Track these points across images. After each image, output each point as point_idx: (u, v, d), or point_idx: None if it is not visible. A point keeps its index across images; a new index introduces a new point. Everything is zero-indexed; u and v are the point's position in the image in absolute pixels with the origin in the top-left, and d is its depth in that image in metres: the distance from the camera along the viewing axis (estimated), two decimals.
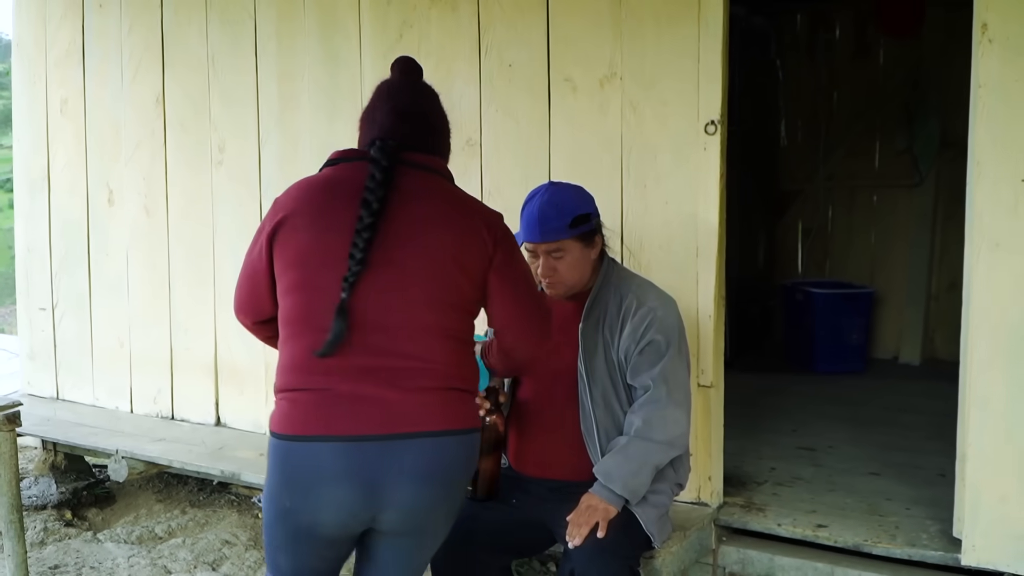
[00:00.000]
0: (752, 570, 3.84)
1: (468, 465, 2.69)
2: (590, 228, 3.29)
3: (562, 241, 3.23)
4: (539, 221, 3.21)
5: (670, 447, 3.22)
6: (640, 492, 3.17)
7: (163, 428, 5.40)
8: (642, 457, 3.17)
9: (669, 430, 3.20)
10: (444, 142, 2.87)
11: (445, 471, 2.61)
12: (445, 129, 2.87)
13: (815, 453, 4.97)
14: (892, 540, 3.72)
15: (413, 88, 2.87)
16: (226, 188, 5.25)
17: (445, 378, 2.61)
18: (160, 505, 5.48)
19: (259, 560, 4.68)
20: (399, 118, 2.77)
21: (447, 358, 2.61)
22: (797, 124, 8.26)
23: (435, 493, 2.61)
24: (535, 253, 3.28)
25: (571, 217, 3.22)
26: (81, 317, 5.93)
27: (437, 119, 2.85)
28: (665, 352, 3.22)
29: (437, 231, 2.63)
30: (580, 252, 3.28)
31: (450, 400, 2.61)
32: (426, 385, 2.57)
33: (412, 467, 2.54)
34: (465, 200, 2.77)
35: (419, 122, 2.80)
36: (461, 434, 2.63)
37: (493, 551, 3.35)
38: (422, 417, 2.55)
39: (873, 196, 8.00)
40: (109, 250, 5.77)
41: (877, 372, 7.24)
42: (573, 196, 3.28)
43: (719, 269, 3.89)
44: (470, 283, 2.66)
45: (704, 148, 3.84)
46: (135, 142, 5.58)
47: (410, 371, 2.56)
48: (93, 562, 4.71)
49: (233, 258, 5.21)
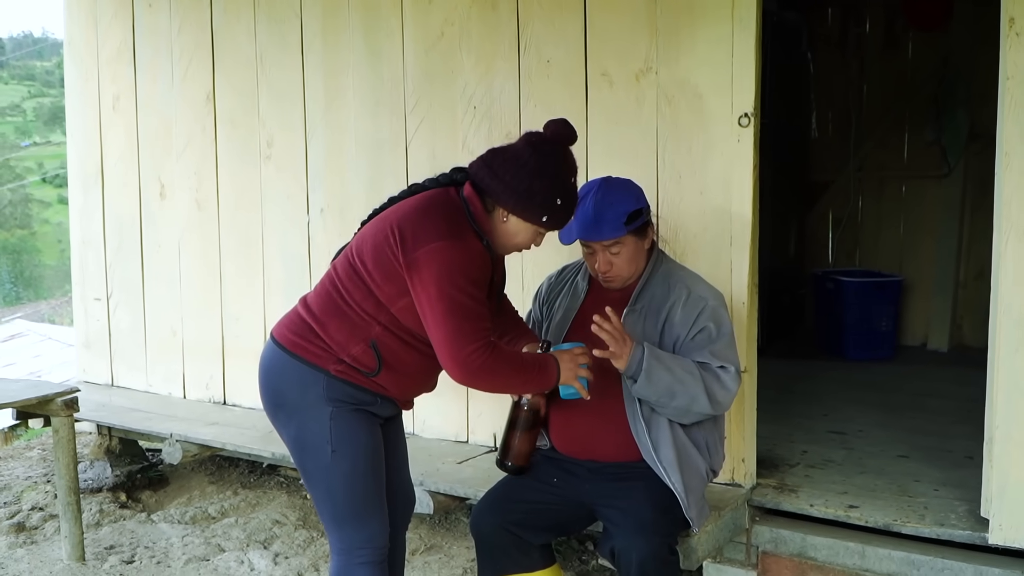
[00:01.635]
0: (785, 549, 3.87)
1: (282, 379, 3.06)
2: (643, 222, 3.33)
3: (620, 237, 3.28)
4: (595, 219, 3.25)
5: (708, 397, 3.19)
6: (654, 381, 3.15)
7: (215, 413, 5.47)
8: (686, 375, 3.17)
9: (715, 385, 3.21)
10: (501, 185, 3.01)
11: (264, 371, 3.11)
12: (508, 178, 3.00)
13: (846, 437, 4.98)
14: (921, 520, 3.74)
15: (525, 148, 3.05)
16: (274, 181, 5.32)
17: (316, 322, 3.05)
18: (212, 487, 5.56)
19: (308, 539, 4.76)
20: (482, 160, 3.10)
21: (328, 309, 3.04)
22: (828, 116, 8.24)
23: (260, 386, 3.13)
24: (592, 250, 3.33)
25: (626, 214, 3.26)
26: (135, 307, 6.02)
27: (504, 171, 3.02)
28: (717, 338, 3.26)
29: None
30: (635, 245, 3.33)
31: (302, 330, 3.06)
32: (304, 314, 3.09)
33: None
34: (412, 208, 3.03)
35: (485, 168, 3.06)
36: (281, 348, 3.07)
37: (534, 529, 3.39)
38: (278, 325, 3.15)
39: (902, 187, 7.97)
40: (161, 242, 5.85)
41: (906, 358, 7.22)
42: (626, 192, 3.32)
43: (752, 258, 3.92)
44: (380, 272, 2.99)
45: (738, 140, 3.88)
46: (186, 138, 5.67)
47: (310, 300, 3.12)
48: (148, 542, 4.79)
49: (281, 249, 5.30)
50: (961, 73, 7.33)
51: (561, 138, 3.05)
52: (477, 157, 3.10)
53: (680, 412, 3.23)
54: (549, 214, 3.02)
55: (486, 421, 4.69)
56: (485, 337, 2.94)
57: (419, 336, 3.02)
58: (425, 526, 4.88)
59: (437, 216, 2.95)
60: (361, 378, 3.02)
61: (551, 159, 3.00)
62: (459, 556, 4.53)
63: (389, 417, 3.21)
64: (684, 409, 3.21)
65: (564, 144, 3.05)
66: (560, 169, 3.02)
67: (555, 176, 3.00)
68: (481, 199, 3.04)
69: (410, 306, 2.96)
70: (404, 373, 3.08)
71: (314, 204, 5.16)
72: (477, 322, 2.93)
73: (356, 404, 3.03)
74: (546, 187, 2.99)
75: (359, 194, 4.91)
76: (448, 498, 4.20)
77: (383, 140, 4.89)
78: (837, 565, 3.76)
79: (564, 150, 3.05)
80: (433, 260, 2.87)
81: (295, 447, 3.09)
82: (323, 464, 3.02)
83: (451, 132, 4.66)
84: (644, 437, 3.26)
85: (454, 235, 2.91)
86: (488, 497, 3.48)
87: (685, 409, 3.21)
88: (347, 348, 3.00)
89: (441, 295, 2.87)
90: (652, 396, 3.18)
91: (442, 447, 4.72)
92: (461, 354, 2.90)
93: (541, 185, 2.98)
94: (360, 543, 3.07)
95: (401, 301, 2.96)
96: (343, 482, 3.03)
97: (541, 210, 3.01)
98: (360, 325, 3.00)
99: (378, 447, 3.10)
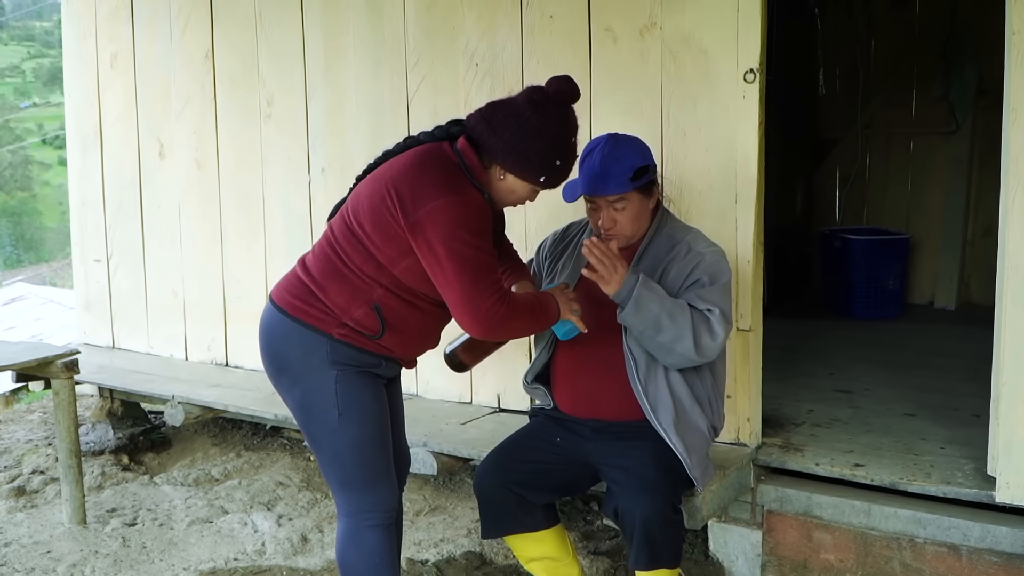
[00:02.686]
0: (790, 508, 3.88)
1: (285, 343, 3.07)
2: (650, 179, 3.32)
3: (625, 193, 3.26)
4: (601, 174, 3.23)
5: (694, 339, 3.15)
6: (642, 310, 3.13)
7: (217, 374, 5.48)
8: (676, 311, 3.15)
9: (702, 327, 3.18)
10: (499, 143, 2.99)
11: (264, 335, 3.11)
12: (506, 136, 2.98)
13: (852, 396, 4.98)
14: (927, 478, 3.75)
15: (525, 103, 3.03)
16: (275, 141, 5.30)
17: (316, 285, 3.04)
18: (216, 449, 5.59)
19: (312, 501, 4.78)
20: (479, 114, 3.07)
21: (328, 272, 3.04)
22: (835, 73, 8.19)
23: (262, 349, 3.14)
24: (596, 205, 3.32)
25: (632, 170, 3.24)
26: (135, 268, 6.02)
27: (503, 128, 3.00)
28: (707, 285, 3.25)
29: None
30: (640, 203, 3.32)
31: (303, 293, 3.05)
32: (303, 277, 3.08)
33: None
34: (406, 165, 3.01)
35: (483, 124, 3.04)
36: (282, 312, 3.06)
37: (537, 489, 3.41)
38: (277, 287, 3.15)
39: (910, 144, 7.93)
40: (161, 203, 5.84)
41: (913, 317, 7.21)
42: (633, 148, 3.30)
43: (758, 216, 3.91)
44: (379, 234, 2.97)
45: (743, 96, 3.85)
46: (185, 97, 5.65)
47: (309, 262, 3.11)
48: (150, 504, 4.81)
49: (283, 209, 5.29)
50: (969, 28, 7.29)
51: (564, 96, 3.03)
52: (475, 110, 3.08)
53: (663, 349, 3.19)
54: (547, 174, 3.02)
55: (490, 381, 4.69)
56: (499, 289, 2.95)
57: (421, 295, 3.02)
58: (429, 487, 4.90)
59: (434, 173, 2.94)
60: (365, 341, 3.02)
61: (552, 118, 2.99)
62: (463, 517, 4.55)
63: (392, 377, 3.22)
64: (667, 347, 3.17)
65: (566, 102, 3.03)
66: (560, 129, 3.01)
67: (555, 136, 2.99)
68: (477, 154, 3.03)
69: (412, 267, 2.95)
70: (408, 333, 3.09)
71: (315, 164, 5.14)
72: (489, 275, 2.94)
73: (361, 366, 3.04)
74: (545, 147, 2.98)
75: (360, 153, 4.86)
76: (452, 459, 4.21)
77: (384, 99, 4.86)
78: (843, 524, 3.77)
79: (566, 109, 3.03)
80: (436, 219, 2.86)
81: (300, 411, 3.10)
82: (330, 428, 3.03)
83: (453, 90, 4.63)
84: (643, 398, 3.26)
85: (453, 191, 2.90)
86: (491, 457, 3.50)
87: (668, 347, 3.17)
88: (349, 312, 3.00)
89: (451, 254, 2.87)
90: (638, 326, 3.16)
91: (445, 408, 4.73)
92: (480, 311, 2.91)
93: (540, 145, 2.97)
94: (369, 506, 3.09)
95: (403, 262, 2.96)
96: (351, 446, 3.04)
97: (539, 170, 3.00)
98: (361, 288, 3.00)
99: (384, 409, 3.12)
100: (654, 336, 3.16)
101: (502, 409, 4.67)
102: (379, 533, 3.10)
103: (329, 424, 3.03)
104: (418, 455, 4.11)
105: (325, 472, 3.14)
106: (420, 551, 4.22)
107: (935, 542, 3.61)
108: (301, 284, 3.07)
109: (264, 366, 3.15)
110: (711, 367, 3.38)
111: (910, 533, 3.66)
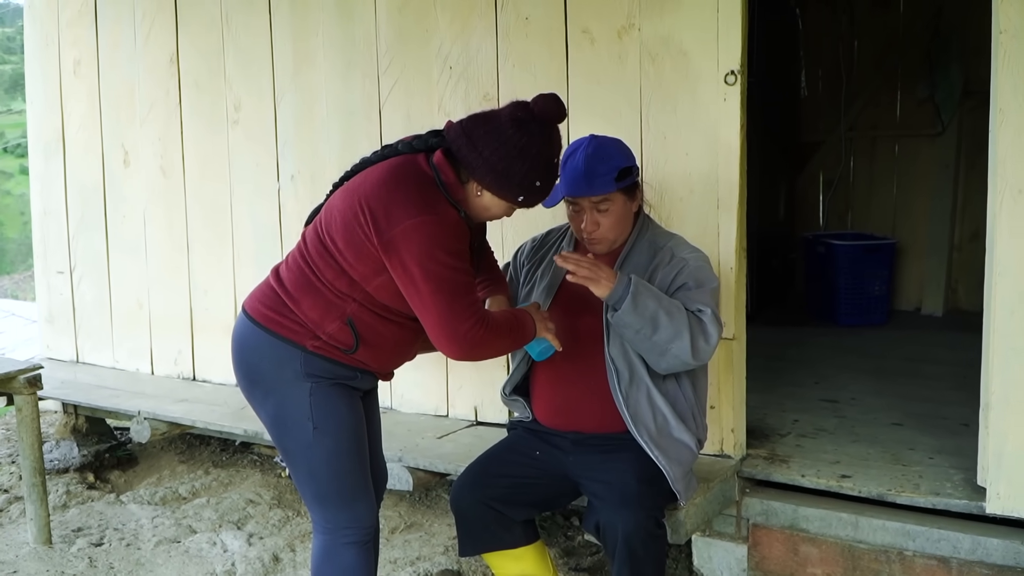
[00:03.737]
0: (776, 521, 3.87)
1: (257, 355, 3.05)
2: (634, 181, 3.31)
3: (609, 194, 3.24)
4: (585, 174, 3.21)
5: (691, 339, 3.11)
6: (640, 306, 3.08)
7: (184, 389, 5.44)
8: (673, 308, 3.12)
9: (697, 328, 3.14)
10: (479, 159, 2.96)
11: (237, 347, 3.09)
12: (486, 153, 2.95)
13: (838, 405, 4.99)
14: (916, 489, 3.74)
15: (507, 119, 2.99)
16: (243, 147, 5.28)
17: (289, 297, 3.02)
18: (183, 466, 5.56)
19: (283, 519, 4.75)
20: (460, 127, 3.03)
21: (301, 285, 3.02)
22: (818, 75, 8.22)
23: (234, 361, 3.11)
24: (579, 208, 3.30)
25: (617, 170, 3.23)
26: (99, 279, 5.98)
27: (484, 144, 2.96)
28: (694, 288, 3.23)
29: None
30: (624, 206, 3.31)
31: (276, 304, 3.03)
32: (276, 288, 3.06)
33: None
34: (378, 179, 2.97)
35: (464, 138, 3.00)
36: (254, 323, 3.04)
37: (516, 505, 3.39)
38: (250, 298, 3.13)
39: (895, 146, 7.96)
40: (126, 211, 5.81)
41: (899, 323, 7.23)
42: (617, 148, 3.29)
43: (740, 221, 3.90)
44: (352, 251, 2.95)
45: (724, 99, 3.85)
46: (149, 102, 5.61)
47: (283, 273, 3.08)
48: (117, 523, 4.78)
49: (250, 218, 5.26)
50: (954, 28, 7.32)
51: (549, 115, 2.99)
52: (456, 122, 3.05)
53: (656, 350, 3.14)
54: (526, 194, 3.00)
55: (467, 394, 4.67)
56: (477, 310, 2.94)
57: (396, 311, 3.00)
58: (405, 504, 4.88)
59: (408, 189, 2.90)
60: (339, 354, 3.01)
61: (536, 139, 2.95)
62: (440, 534, 4.53)
63: (368, 390, 3.20)
64: (662, 347, 3.12)
65: (552, 122, 3.00)
66: (543, 150, 2.98)
67: (537, 157, 2.96)
68: (455, 168, 3.00)
69: (386, 284, 2.93)
70: (383, 348, 3.07)
71: (284, 171, 5.12)
72: (466, 296, 2.92)
73: (335, 379, 3.03)
74: (526, 168, 2.95)
75: (331, 160, 4.86)
76: (428, 474, 4.20)
77: (356, 103, 4.84)
78: (830, 537, 3.77)
79: (550, 128, 3.00)
80: (411, 239, 2.84)
81: (273, 425, 3.08)
82: (304, 442, 3.02)
83: (426, 94, 4.62)
84: (624, 409, 3.24)
85: (428, 209, 2.87)
86: (469, 472, 3.47)
87: (663, 347, 3.12)
88: (322, 326, 2.99)
89: (426, 275, 2.84)
90: (635, 324, 3.09)
91: (421, 421, 4.71)
92: (457, 334, 2.90)
93: (521, 166, 2.94)
94: (346, 522, 3.07)
95: (376, 280, 2.94)
96: (326, 460, 3.02)
97: (518, 190, 2.98)
98: (335, 303, 2.98)
99: (361, 422, 3.10)
100: (650, 335, 3.11)
101: (479, 422, 4.66)
102: (357, 551, 3.08)
103: (304, 438, 3.01)
104: (393, 470, 4.08)
105: (300, 488, 3.11)
106: (396, 570, 4.20)
107: (924, 555, 3.60)
108: (274, 295, 3.05)
109: (236, 378, 3.13)
110: (692, 377, 3.37)
111: (899, 546, 3.65)
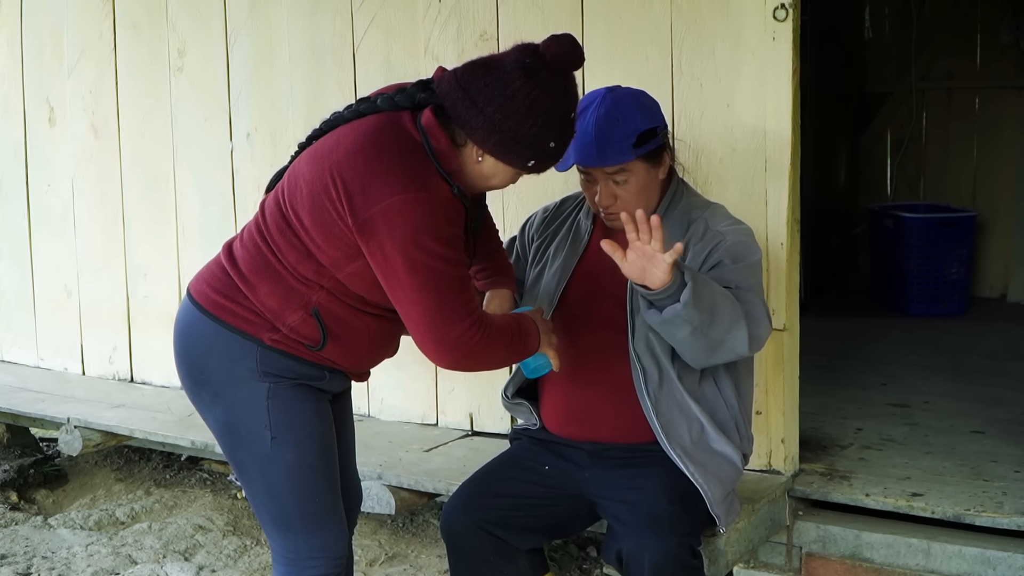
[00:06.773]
0: (834, 549, 3.86)
1: (205, 349, 2.99)
2: (657, 145, 3.24)
3: (626, 163, 3.18)
4: (596, 140, 3.15)
5: (746, 323, 3.05)
6: (699, 295, 2.94)
7: (121, 392, 5.45)
8: (723, 293, 3.03)
9: (748, 308, 3.08)
10: (479, 117, 2.86)
11: (180, 338, 3.05)
12: (488, 109, 2.85)
13: (908, 410, 5.01)
14: (999, 508, 3.75)
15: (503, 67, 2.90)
16: (188, 100, 5.27)
17: (243, 281, 2.96)
18: (120, 485, 5.58)
19: (240, 548, 4.75)
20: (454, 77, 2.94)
21: (257, 267, 2.96)
22: (884, 13, 8.21)
23: (177, 356, 3.08)
24: (592, 178, 3.25)
25: (635, 134, 3.16)
26: (20, 262, 5.98)
27: (485, 99, 2.87)
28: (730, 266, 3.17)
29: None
30: (646, 174, 3.23)
31: (227, 288, 2.97)
32: (229, 269, 2.99)
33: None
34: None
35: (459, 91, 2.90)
36: (201, 310, 2.98)
37: (520, 530, 3.37)
38: (196, 279, 3.09)
39: (975, 100, 7.96)
40: (51, 180, 5.81)
41: (981, 313, 7.27)
42: (636, 106, 3.23)
43: (792, 187, 3.87)
44: (320, 232, 2.88)
45: (772, 38, 3.81)
46: (79, 49, 5.60)
47: (236, 251, 3.03)
48: (45, 551, 4.79)
49: (198, 186, 5.26)
50: None
51: (563, 62, 2.89)
52: (449, 71, 2.96)
53: (712, 345, 3.06)
54: (537, 158, 2.92)
55: (460, 397, 4.66)
56: (472, 311, 2.89)
57: (373, 302, 2.95)
58: (386, 530, 4.87)
59: (391, 159, 2.82)
60: (303, 350, 2.96)
61: (548, 90, 2.86)
62: (428, 567, 4.52)
63: (338, 392, 3.15)
64: (718, 340, 3.05)
65: (567, 70, 2.92)
66: (557, 103, 2.89)
67: (550, 112, 2.87)
68: (447, 130, 2.91)
69: (361, 271, 2.87)
70: (356, 343, 3.03)
71: (238, 128, 5.11)
72: (460, 292, 2.87)
73: (298, 379, 2.98)
74: (537, 127, 2.86)
75: (295, 114, 4.85)
76: (413, 494, 4.18)
77: (324, 46, 4.83)
78: (898, 567, 3.77)
79: (564, 77, 2.91)
80: (393, 221, 2.76)
81: (224, 434, 3.04)
82: (261, 455, 2.97)
83: (410, 34, 4.59)
84: (652, 416, 3.20)
85: (416, 185, 2.79)
86: (462, 492, 3.45)
87: (719, 340, 3.05)
88: (282, 316, 2.92)
89: (411, 266, 2.78)
90: (694, 320, 2.98)
91: (405, 432, 4.70)
92: (448, 337, 2.85)
93: (531, 124, 2.85)
94: (311, 551, 3.04)
95: (349, 267, 2.88)
96: (287, 476, 2.98)
97: (528, 153, 2.90)
98: (297, 290, 2.92)
99: (329, 431, 3.07)
100: (707, 330, 3.02)
101: (476, 432, 4.65)
102: None
103: (260, 450, 2.96)
104: (371, 490, 4.05)
105: (257, 510, 3.08)
106: None
107: None
108: (226, 277, 2.99)
109: (180, 377, 3.08)
110: (734, 377, 3.33)
111: (977, 574, 3.64)
